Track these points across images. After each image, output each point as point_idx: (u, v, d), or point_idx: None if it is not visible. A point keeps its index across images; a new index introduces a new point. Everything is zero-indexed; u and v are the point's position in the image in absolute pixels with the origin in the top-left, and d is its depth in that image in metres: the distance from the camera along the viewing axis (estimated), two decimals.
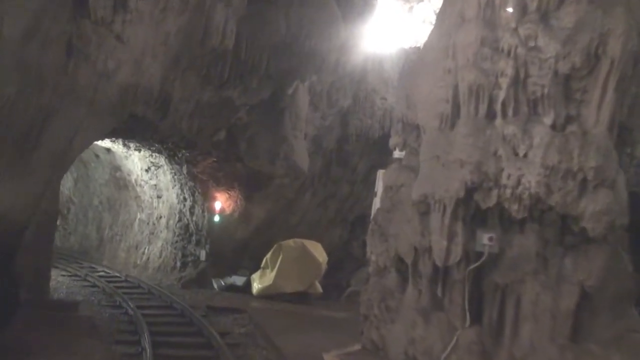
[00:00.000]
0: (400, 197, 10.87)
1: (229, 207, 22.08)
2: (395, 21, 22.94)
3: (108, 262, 26.33)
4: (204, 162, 20.88)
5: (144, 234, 25.65)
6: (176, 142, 19.00)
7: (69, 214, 30.74)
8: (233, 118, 19.32)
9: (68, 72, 13.97)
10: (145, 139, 18.61)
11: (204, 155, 20.40)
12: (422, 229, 10.20)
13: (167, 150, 20.50)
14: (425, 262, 10.19)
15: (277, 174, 21.16)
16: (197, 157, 20.44)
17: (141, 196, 26.02)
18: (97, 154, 27.20)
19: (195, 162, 20.94)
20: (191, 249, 22.95)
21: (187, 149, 19.74)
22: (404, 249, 10.49)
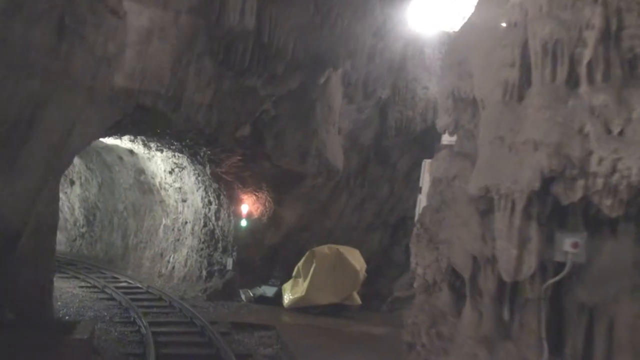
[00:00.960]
0: (453, 192, 8.48)
1: (256, 211, 19.94)
2: (437, 2, 20.49)
3: (132, 272, 24.46)
4: (228, 161, 18.76)
5: (169, 240, 23.70)
6: (195, 139, 16.90)
7: (95, 221, 29.05)
8: (258, 111, 17.14)
9: (60, 55, 12.01)
10: (157, 135, 16.52)
11: (227, 154, 18.28)
12: (482, 232, 7.79)
13: (187, 149, 18.44)
14: (487, 276, 7.79)
15: (308, 173, 18.92)
16: (220, 155, 18.32)
17: (166, 200, 24.09)
18: (121, 156, 25.40)
19: (219, 162, 18.84)
20: (217, 257, 20.87)
21: (208, 147, 17.62)
22: (460, 259, 8.10)
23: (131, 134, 16.49)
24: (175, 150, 19.52)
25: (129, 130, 15.55)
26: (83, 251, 28.98)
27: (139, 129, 15.49)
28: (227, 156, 18.40)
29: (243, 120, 16.94)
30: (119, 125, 13.90)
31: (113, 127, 13.86)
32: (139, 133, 16.53)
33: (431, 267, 8.53)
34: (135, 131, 16.01)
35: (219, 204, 20.57)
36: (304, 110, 18.17)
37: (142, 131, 16.15)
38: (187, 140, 17.16)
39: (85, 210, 29.55)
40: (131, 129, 15.31)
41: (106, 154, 26.10)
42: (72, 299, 18.16)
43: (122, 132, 15.44)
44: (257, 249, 20.14)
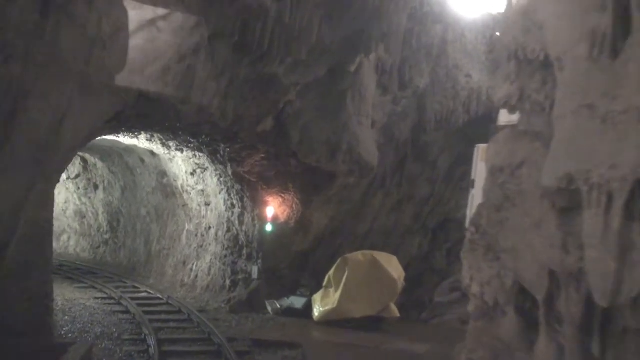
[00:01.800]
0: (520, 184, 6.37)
1: (283, 214, 18.01)
2: None
3: (155, 281, 22.74)
4: (250, 159, 16.86)
5: (192, 247, 21.92)
6: (211, 134, 15.02)
7: (119, 227, 27.47)
8: (281, 102, 15.21)
9: (46, 36, 10.25)
10: (166, 129, 14.65)
11: (248, 151, 16.38)
12: (563, 237, 5.69)
13: (205, 147, 16.60)
14: (570, 298, 5.69)
15: (339, 171, 16.93)
16: (240, 153, 16.43)
17: (189, 204, 22.32)
18: (142, 158, 23.77)
19: (240, 160, 16.96)
20: (242, 265, 18.99)
21: (227, 143, 15.74)
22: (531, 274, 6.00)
23: (136, 129, 14.59)
24: (194, 148, 17.72)
25: (132, 125, 13.67)
26: (107, 259, 27.42)
27: (144, 122, 13.61)
28: (249, 154, 16.51)
29: (264, 112, 15.02)
30: (119, 118, 12.05)
31: (113, 121, 12.03)
32: (145, 128, 14.65)
33: (491, 285, 6.41)
34: (140, 125, 14.12)
35: (243, 207, 18.70)
36: (333, 101, 16.19)
37: (148, 125, 14.24)
38: (203, 137, 15.28)
39: (109, 216, 28.01)
40: (135, 123, 13.44)
41: (128, 156, 24.52)
42: (82, 313, 16.44)
43: (125, 126, 13.57)
44: (284, 256, 18.20)
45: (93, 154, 26.40)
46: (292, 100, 15.41)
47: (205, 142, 15.92)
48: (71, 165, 28.78)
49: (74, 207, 29.75)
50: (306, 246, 18.35)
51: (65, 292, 19.36)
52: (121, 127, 13.64)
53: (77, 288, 20.67)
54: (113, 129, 13.07)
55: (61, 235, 30.04)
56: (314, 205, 17.78)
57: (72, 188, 29.44)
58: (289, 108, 15.59)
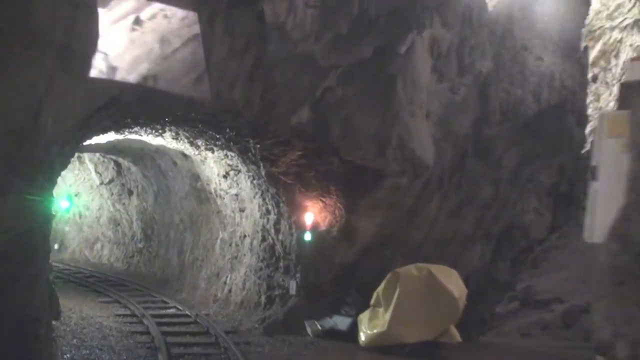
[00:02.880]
0: None
1: (324, 221, 15.43)
2: None
3: (187, 294, 20.46)
4: (285, 158, 14.35)
5: (226, 258, 19.54)
6: (235, 127, 12.57)
7: (153, 235, 25.35)
8: (319, 88, 12.70)
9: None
10: (179, 120, 12.20)
11: (282, 148, 13.88)
12: None
13: (233, 143, 14.16)
14: None
15: (389, 170, 14.29)
16: (273, 150, 13.93)
17: (222, 210, 19.97)
18: (175, 161, 21.59)
19: (274, 159, 14.47)
20: (278, 279, 16.48)
21: (256, 138, 13.25)
22: None
23: (140, 119, 12.16)
24: (223, 147, 15.33)
25: (136, 114, 11.25)
26: (141, 269, 25.31)
27: (150, 111, 11.18)
28: (283, 151, 14.00)
29: (299, 101, 12.51)
30: (116, 104, 9.65)
31: (110, 107, 9.65)
32: (153, 119, 12.22)
33: None
34: (146, 115, 11.68)
35: (279, 214, 16.19)
36: (381, 88, 13.57)
37: (155, 115, 11.81)
38: (228, 131, 12.83)
39: (143, 223, 25.92)
40: (139, 112, 11.03)
41: (160, 158, 22.37)
42: (94, 335, 14.15)
43: (128, 115, 11.15)
44: (326, 269, 15.59)
45: (125, 157, 24.38)
46: (333, 86, 12.86)
47: (232, 137, 13.48)
48: (105, 170, 26.88)
49: (107, 214, 27.83)
50: (351, 258, 15.70)
51: (84, 309, 17.20)
52: (123, 117, 11.23)
53: (100, 303, 18.53)
54: (112, 118, 10.68)
55: (94, 243, 28.17)
56: (360, 211, 15.14)
57: (105, 194, 27.53)
58: (329, 96, 13.04)
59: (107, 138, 17.62)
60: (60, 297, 18.86)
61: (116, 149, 22.60)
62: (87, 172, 27.66)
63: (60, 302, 17.73)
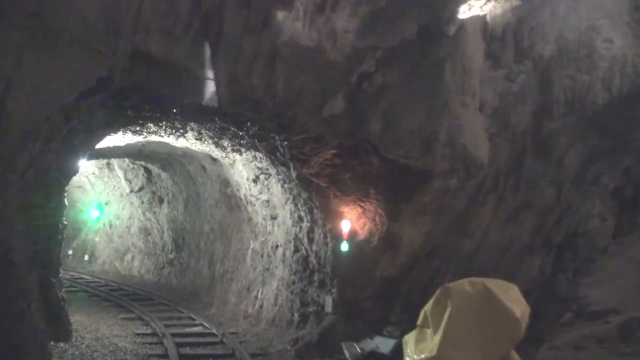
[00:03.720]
0: None
1: (362, 229, 13.49)
2: None
3: (217, 310, 18.73)
4: (318, 157, 12.48)
5: (257, 270, 17.74)
6: (257, 120, 10.73)
7: (184, 245, 23.75)
8: (355, 73, 10.81)
9: None
10: (188, 110, 10.35)
11: (314, 145, 12.00)
12: None
13: (257, 140, 12.37)
14: None
15: (437, 170, 12.30)
16: (303, 148, 12.07)
17: (253, 218, 18.20)
18: (203, 165, 19.94)
19: (306, 159, 12.61)
20: (312, 295, 14.59)
21: (282, 133, 11.40)
22: None
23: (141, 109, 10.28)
24: (248, 146, 13.56)
25: (134, 101, 9.40)
26: (171, 281, 23.71)
27: (151, 98, 9.38)
28: (315, 149, 12.13)
29: (332, 88, 10.64)
30: (106, 87, 7.91)
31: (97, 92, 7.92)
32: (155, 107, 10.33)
33: None
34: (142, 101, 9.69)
35: (312, 221, 14.31)
36: (427, 75, 11.62)
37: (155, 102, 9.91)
38: (248, 125, 11.01)
39: (174, 233, 24.34)
40: (137, 99, 9.21)
41: (188, 163, 20.77)
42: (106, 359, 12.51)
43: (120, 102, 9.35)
44: (366, 283, 13.64)
45: (153, 163, 22.88)
46: (371, 71, 10.95)
47: (256, 134, 11.66)
48: (134, 177, 25.44)
49: (138, 223, 26.37)
50: (394, 271, 13.71)
51: (102, 327, 15.60)
52: (120, 107, 9.47)
53: (122, 320, 16.90)
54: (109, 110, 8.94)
55: (125, 254, 26.73)
56: (404, 217, 13.16)
57: (136, 202, 26.08)
58: (367, 83, 11.14)
59: (126, 140, 16.09)
60: (78, 314, 17.37)
61: (143, 154, 21.10)
62: (117, 180, 26.27)
63: (76, 319, 16.23)
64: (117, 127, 13.06)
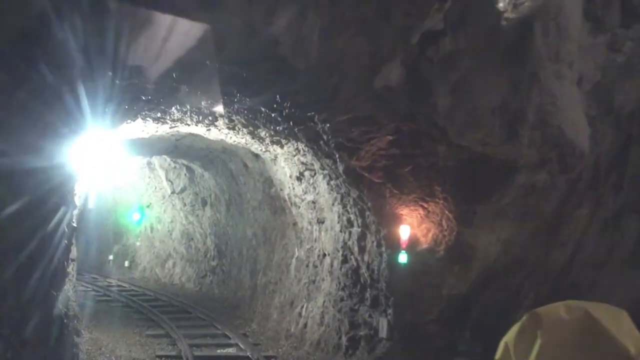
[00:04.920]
0: None
1: (426, 236, 10.81)
2: None
3: (257, 326, 16.37)
4: (370, 145, 9.91)
5: (301, 282, 15.27)
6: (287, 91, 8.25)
7: (226, 251, 21.53)
8: (415, 33, 8.21)
9: None
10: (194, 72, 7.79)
11: (365, 129, 9.44)
12: None
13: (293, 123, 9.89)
14: None
15: (523, 160, 9.54)
16: (350, 132, 9.50)
17: (298, 222, 15.77)
18: (245, 163, 17.68)
19: (355, 148, 10.05)
20: (364, 314, 11.99)
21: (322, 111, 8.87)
22: None
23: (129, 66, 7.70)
24: (287, 134, 11.13)
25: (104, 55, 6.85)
26: (213, 291, 21.50)
27: (124, 47, 6.76)
28: (366, 134, 9.57)
29: (386, 51, 8.07)
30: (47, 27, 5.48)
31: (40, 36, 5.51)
32: (139, 57, 7.63)
33: None
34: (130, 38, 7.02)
35: (363, 225, 11.74)
36: (511, 37, 8.91)
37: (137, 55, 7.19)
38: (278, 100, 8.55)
39: (217, 238, 22.16)
40: (109, 52, 6.72)
41: (229, 160, 18.55)
42: None
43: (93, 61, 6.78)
44: (430, 303, 10.96)
45: (193, 160, 20.78)
46: (438, 29, 8.34)
47: (290, 115, 9.19)
48: (176, 177, 23.42)
49: (180, 227, 24.31)
50: (464, 288, 10.99)
51: (121, 347, 13.44)
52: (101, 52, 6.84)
53: (146, 337, 14.74)
54: (85, 58, 6.46)
55: (166, 261, 24.71)
56: (478, 222, 10.44)
57: (178, 204, 24.05)
58: (432, 47, 8.53)
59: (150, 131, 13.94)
60: (98, 330, 15.24)
61: (180, 151, 18.99)
62: (158, 180, 24.32)
63: (93, 337, 14.14)
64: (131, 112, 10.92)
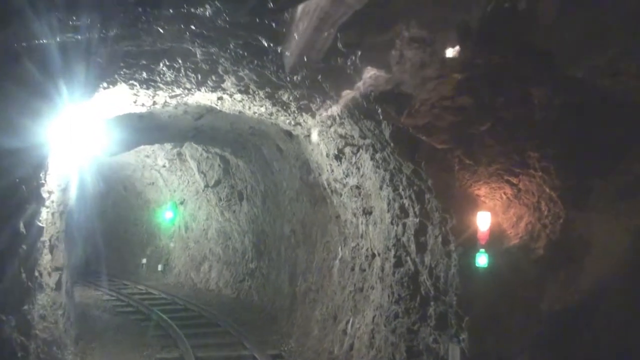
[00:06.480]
0: None
1: (516, 226, 7.31)
2: None
3: (296, 343, 13.21)
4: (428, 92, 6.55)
5: (346, 290, 11.96)
6: None
7: (265, 250, 18.40)
8: None
9: None
10: None
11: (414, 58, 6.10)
12: None
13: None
14: None
15: None
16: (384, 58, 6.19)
17: (341, 214, 12.48)
18: (279, 145, 14.55)
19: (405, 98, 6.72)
20: (426, 338, 8.55)
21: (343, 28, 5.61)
22: None
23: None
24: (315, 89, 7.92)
25: None
26: (252, 298, 18.38)
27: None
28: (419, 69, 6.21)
29: None
30: None
31: None
32: None
33: None
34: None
35: (422, 214, 8.31)
36: None
37: None
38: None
39: (255, 237, 19.08)
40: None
41: (261, 143, 15.47)
42: None
43: None
44: (522, 324, 7.46)
45: (223, 148, 17.79)
46: None
47: None
48: (209, 169, 20.48)
49: (216, 225, 21.35)
50: (574, 300, 7.46)
51: None
52: None
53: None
54: None
55: (201, 263, 21.78)
56: (596, 202, 6.90)
57: (213, 200, 21.12)
58: None
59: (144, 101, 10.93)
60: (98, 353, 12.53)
61: (205, 135, 15.99)
62: (191, 173, 21.48)
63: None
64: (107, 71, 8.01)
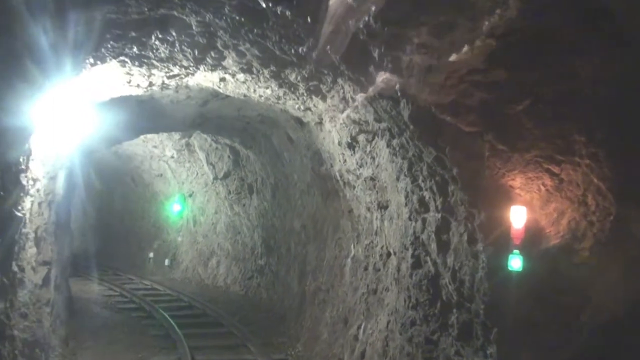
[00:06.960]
0: None
1: (556, 224, 6.24)
2: None
3: (303, 349, 12.22)
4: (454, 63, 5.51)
5: (358, 292, 10.91)
6: None
7: (274, 246, 17.40)
8: None
9: None
10: None
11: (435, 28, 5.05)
12: None
13: None
14: None
15: None
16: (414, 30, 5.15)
17: (354, 208, 11.44)
18: (289, 134, 13.54)
19: (426, 69, 5.69)
20: (447, 349, 7.49)
21: None
22: None
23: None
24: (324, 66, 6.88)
25: None
26: (261, 295, 17.39)
27: None
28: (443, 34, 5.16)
29: None
30: None
31: None
32: None
33: None
34: None
35: (445, 208, 7.23)
36: None
37: None
38: None
39: (264, 232, 18.11)
40: None
41: (270, 132, 14.48)
42: None
43: None
44: (562, 335, 6.41)
45: (232, 137, 16.81)
46: None
47: None
48: (218, 160, 19.53)
49: (225, 219, 20.40)
50: (624, 311, 6.39)
51: None
52: None
53: None
54: None
55: (209, 259, 20.85)
56: None
57: (222, 192, 20.18)
58: None
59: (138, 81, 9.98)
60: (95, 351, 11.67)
61: (210, 122, 15.02)
62: (199, 165, 20.55)
63: None
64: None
